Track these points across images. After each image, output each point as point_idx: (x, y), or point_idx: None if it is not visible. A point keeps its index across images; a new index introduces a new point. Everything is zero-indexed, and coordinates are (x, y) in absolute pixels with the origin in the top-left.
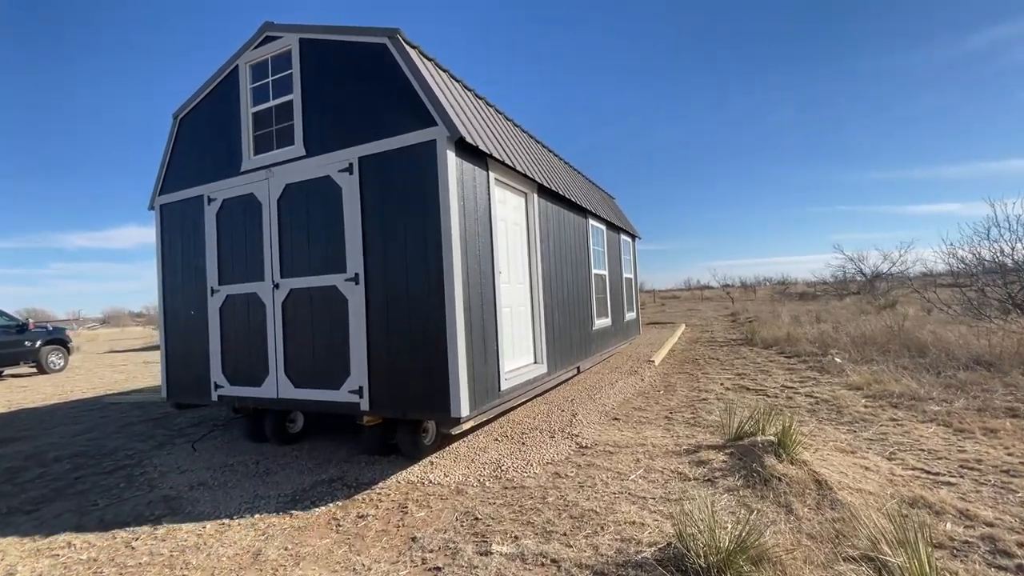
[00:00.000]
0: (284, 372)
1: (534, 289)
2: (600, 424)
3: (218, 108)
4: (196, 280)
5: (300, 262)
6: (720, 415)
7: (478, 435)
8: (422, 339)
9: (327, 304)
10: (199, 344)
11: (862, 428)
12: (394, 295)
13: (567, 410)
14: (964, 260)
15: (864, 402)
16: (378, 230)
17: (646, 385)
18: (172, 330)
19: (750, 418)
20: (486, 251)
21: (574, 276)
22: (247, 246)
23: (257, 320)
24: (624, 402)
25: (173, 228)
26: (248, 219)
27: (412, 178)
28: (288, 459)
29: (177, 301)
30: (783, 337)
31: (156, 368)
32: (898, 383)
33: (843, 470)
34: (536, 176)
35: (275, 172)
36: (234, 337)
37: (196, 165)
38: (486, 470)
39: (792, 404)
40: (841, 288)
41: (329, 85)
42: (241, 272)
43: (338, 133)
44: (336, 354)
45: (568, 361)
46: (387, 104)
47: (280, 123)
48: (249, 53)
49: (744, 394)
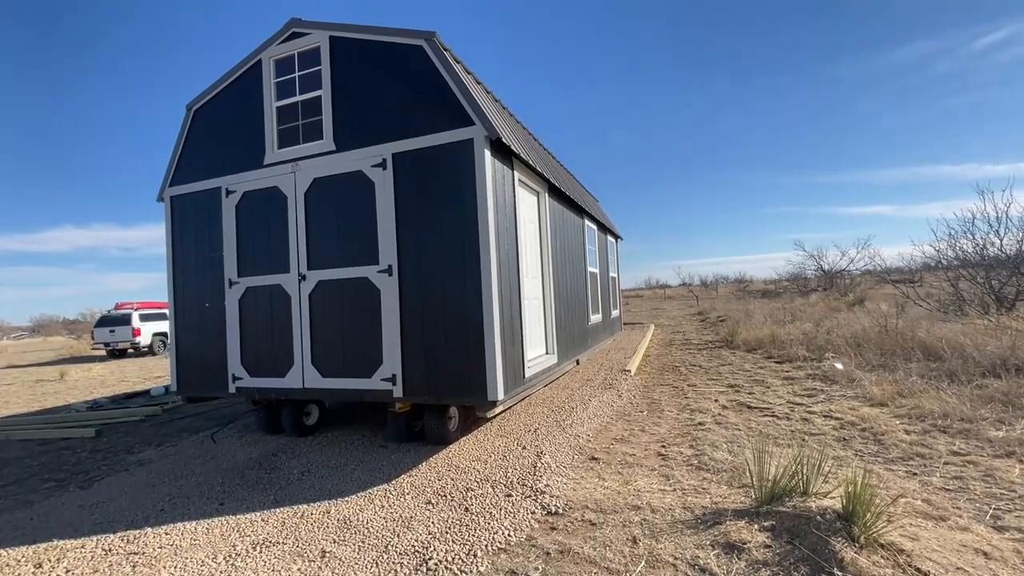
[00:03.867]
0: (311, 362)
1: (545, 284)
2: (574, 468)
3: (238, 101)
4: (212, 272)
5: (329, 254)
6: (730, 450)
7: (404, 495)
8: (458, 327)
9: (358, 295)
10: (214, 337)
11: (924, 469)
12: (429, 286)
13: (530, 445)
14: (944, 254)
15: (902, 426)
16: (412, 223)
17: (625, 403)
18: (183, 324)
19: (788, 466)
20: (512, 245)
21: (575, 273)
22: (270, 238)
23: (281, 312)
24: (602, 430)
25: (186, 220)
26: (271, 211)
27: (448, 174)
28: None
29: (189, 294)
30: (766, 338)
31: (46, 388)
32: (928, 397)
33: (953, 559)
34: (548, 176)
35: (302, 165)
36: (255, 329)
37: (212, 157)
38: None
39: (813, 429)
40: (802, 285)
41: (360, 82)
42: (263, 264)
43: (370, 129)
44: (368, 343)
45: (571, 353)
46: (423, 103)
47: (307, 118)
48: (274, 48)
49: (747, 414)
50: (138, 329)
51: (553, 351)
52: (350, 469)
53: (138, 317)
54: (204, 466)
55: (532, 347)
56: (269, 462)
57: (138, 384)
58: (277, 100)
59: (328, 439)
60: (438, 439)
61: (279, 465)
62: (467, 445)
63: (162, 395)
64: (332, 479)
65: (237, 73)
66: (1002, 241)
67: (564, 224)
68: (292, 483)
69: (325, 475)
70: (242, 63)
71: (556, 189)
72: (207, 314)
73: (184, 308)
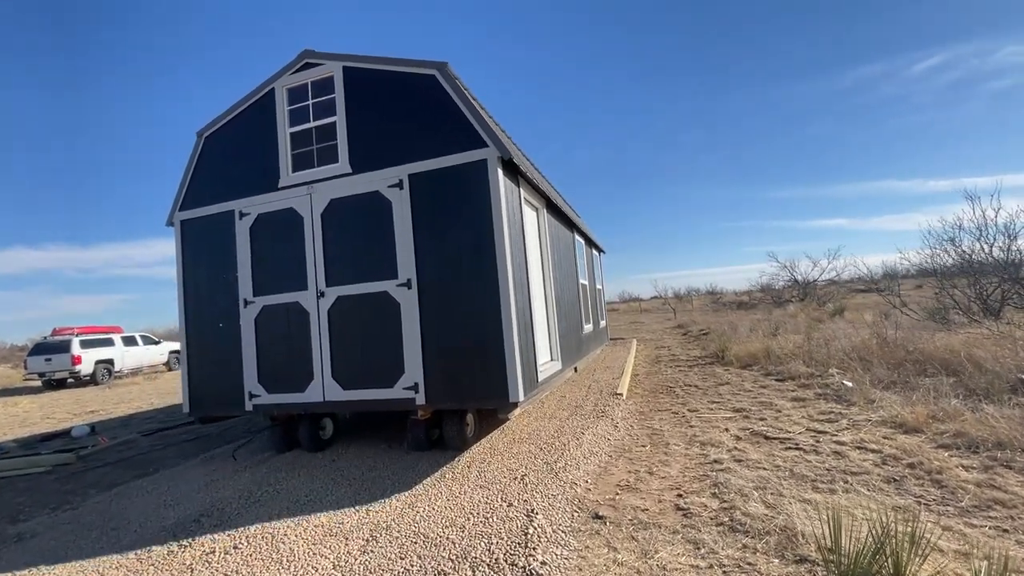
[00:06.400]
0: (331, 376)
1: (548, 294)
2: (576, 533)
3: (249, 128)
4: (225, 293)
5: (347, 271)
6: (764, 500)
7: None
8: (477, 335)
9: (378, 309)
10: (229, 356)
11: (1017, 524)
12: (447, 297)
13: (517, 500)
14: (938, 260)
15: (955, 460)
16: (429, 239)
17: (623, 436)
18: (195, 345)
19: (867, 537)
20: (522, 257)
21: (569, 285)
22: (286, 257)
23: (299, 328)
24: (602, 473)
25: (198, 243)
26: (287, 232)
27: (464, 192)
28: None
29: (203, 315)
30: (760, 353)
31: None
32: (968, 421)
33: None
34: (548, 192)
35: (317, 188)
36: (271, 346)
37: (224, 181)
38: None
39: (852, 467)
40: (776, 296)
41: (375, 108)
42: (279, 283)
43: (386, 152)
44: (389, 354)
45: (571, 360)
46: (437, 127)
47: (322, 142)
48: (287, 77)
49: (767, 447)
50: (79, 356)
51: (557, 358)
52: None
53: (78, 344)
54: (97, 543)
55: (540, 354)
56: (188, 530)
57: (65, 421)
58: (291, 126)
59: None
60: (456, 445)
61: (200, 532)
62: (438, 503)
63: (85, 435)
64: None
65: (249, 102)
66: (991, 247)
67: (559, 238)
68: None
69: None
70: (254, 92)
71: (553, 205)
72: (221, 333)
73: (196, 328)
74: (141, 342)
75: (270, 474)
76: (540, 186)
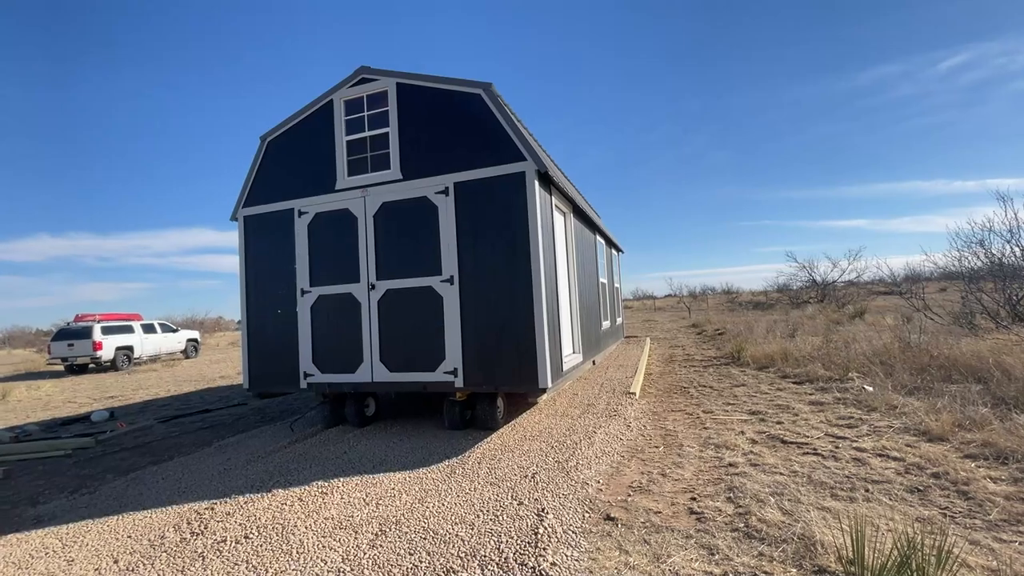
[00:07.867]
0: (379, 359)
1: (572, 292)
2: (587, 534)
3: (309, 135)
4: (283, 283)
5: (396, 267)
6: (781, 506)
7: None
8: (512, 327)
9: (423, 301)
10: (286, 339)
11: None
12: (485, 292)
13: (528, 499)
14: (965, 262)
15: (983, 471)
16: (470, 240)
17: (635, 436)
18: (255, 328)
19: (892, 549)
20: (552, 258)
21: (590, 284)
22: (340, 253)
23: (351, 316)
24: (614, 473)
25: (259, 237)
26: (342, 230)
27: (503, 200)
28: None
29: (263, 302)
30: (777, 355)
31: None
32: (995, 431)
33: None
34: (574, 198)
35: (370, 191)
36: (325, 332)
37: (284, 182)
38: None
39: (873, 474)
40: (794, 296)
41: (424, 122)
42: (334, 275)
43: (433, 161)
44: (431, 342)
45: (590, 353)
46: (480, 141)
47: (375, 150)
48: (344, 90)
49: (784, 451)
50: (100, 343)
51: (579, 350)
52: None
53: (100, 330)
54: (112, 529)
55: (565, 346)
56: (201, 518)
57: (85, 406)
58: (347, 135)
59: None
60: (488, 426)
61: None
62: (448, 499)
63: (104, 420)
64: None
65: (309, 111)
66: (1023, 251)
67: (583, 240)
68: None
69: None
70: (314, 102)
71: (578, 209)
72: (280, 319)
73: (256, 313)
74: (160, 330)
75: (307, 450)
76: (568, 192)
